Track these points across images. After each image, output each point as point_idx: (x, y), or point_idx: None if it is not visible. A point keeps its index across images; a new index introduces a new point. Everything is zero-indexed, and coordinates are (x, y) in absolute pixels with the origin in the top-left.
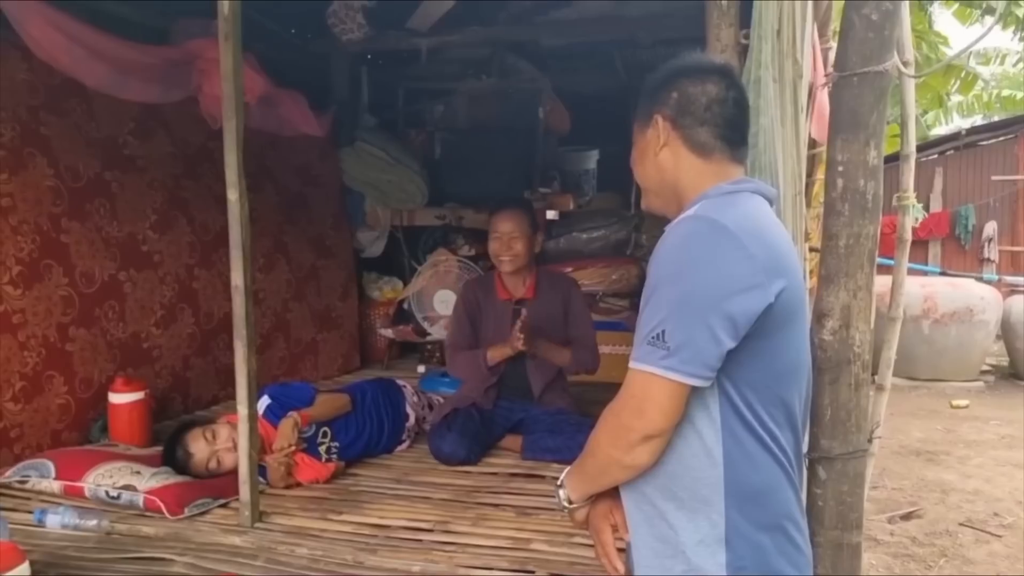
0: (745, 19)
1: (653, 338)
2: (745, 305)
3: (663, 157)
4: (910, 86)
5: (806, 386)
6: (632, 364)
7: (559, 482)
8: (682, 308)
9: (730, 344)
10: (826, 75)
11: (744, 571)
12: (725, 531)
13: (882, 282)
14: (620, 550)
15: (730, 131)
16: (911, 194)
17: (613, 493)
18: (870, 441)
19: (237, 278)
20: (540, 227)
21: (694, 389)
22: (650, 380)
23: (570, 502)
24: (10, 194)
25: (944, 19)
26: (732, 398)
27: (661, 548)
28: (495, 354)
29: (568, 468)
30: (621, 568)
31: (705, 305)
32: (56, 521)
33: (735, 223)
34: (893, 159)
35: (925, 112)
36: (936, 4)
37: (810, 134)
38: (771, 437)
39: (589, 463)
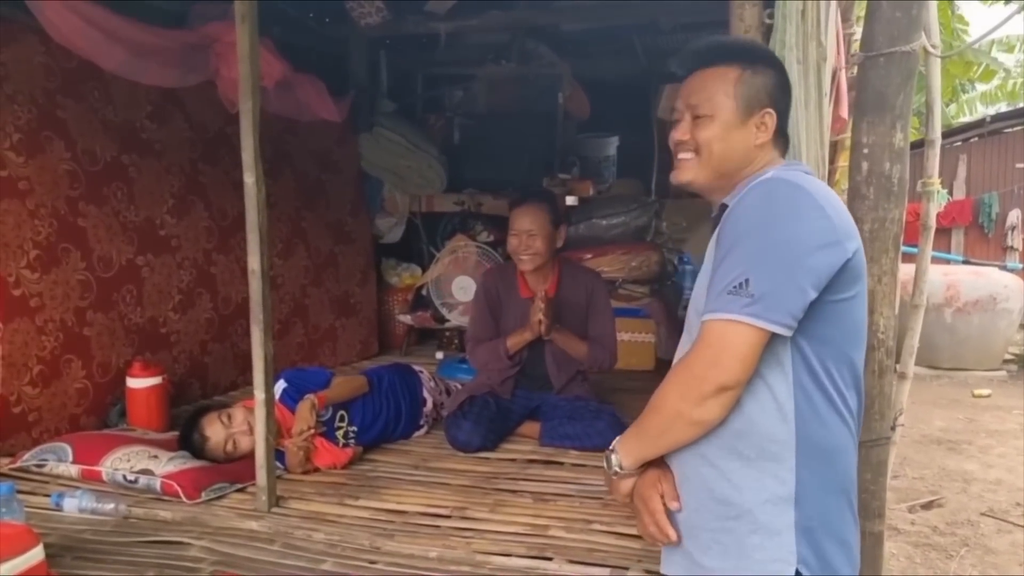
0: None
1: (735, 287)
2: (826, 259)
3: (757, 152)
4: (936, 70)
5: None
6: (708, 316)
7: (611, 447)
8: (766, 258)
9: (812, 295)
10: (851, 56)
11: (813, 532)
12: (795, 489)
13: (905, 270)
14: None
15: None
16: (936, 180)
17: (660, 463)
18: (893, 429)
19: (254, 262)
20: (562, 221)
21: (768, 343)
22: (729, 328)
23: (621, 468)
24: (27, 177)
25: (966, 5)
26: (806, 354)
27: (723, 510)
28: (515, 341)
29: (621, 437)
30: (674, 535)
31: (790, 256)
32: (73, 505)
33: (810, 186)
34: (916, 146)
35: (948, 103)
36: None
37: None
38: (840, 397)
39: (652, 421)
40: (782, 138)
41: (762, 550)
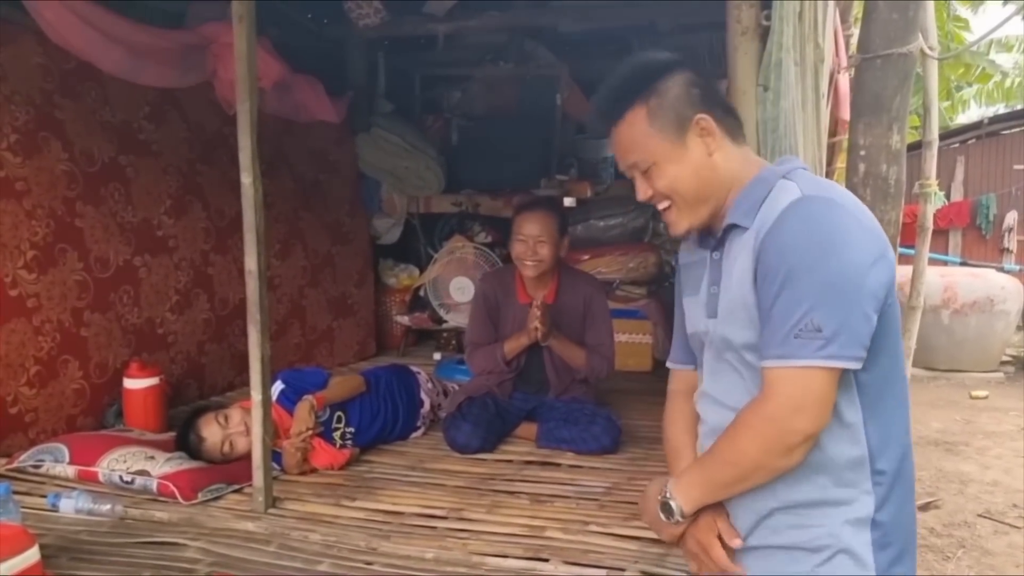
0: (766, 1)
1: (803, 329)
2: (880, 277)
3: (717, 159)
4: (933, 72)
5: None
6: (780, 362)
7: (667, 495)
8: (830, 292)
9: (875, 318)
10: (848, 58)
11: (889, 546)
12: (873, 509)
13: (902, 271)
14: None
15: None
16: (933, 181)
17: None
18: None
19: (251, 262)
20: (567, 231)
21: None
22: (809, 375)
23: (683, 516)
24: (24, 178)
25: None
26: (866, 368)
27: (800, 537)
28: (512, 346)
29: (677, 481)
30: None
31: (850, 284)
32: (70, 505)
33: (842, 198)
34: (914, 147)
35: (942, 101)
36: None
37: (831, 121)
38: (902, 397)
39: (725, 472)
40: (730, 120)
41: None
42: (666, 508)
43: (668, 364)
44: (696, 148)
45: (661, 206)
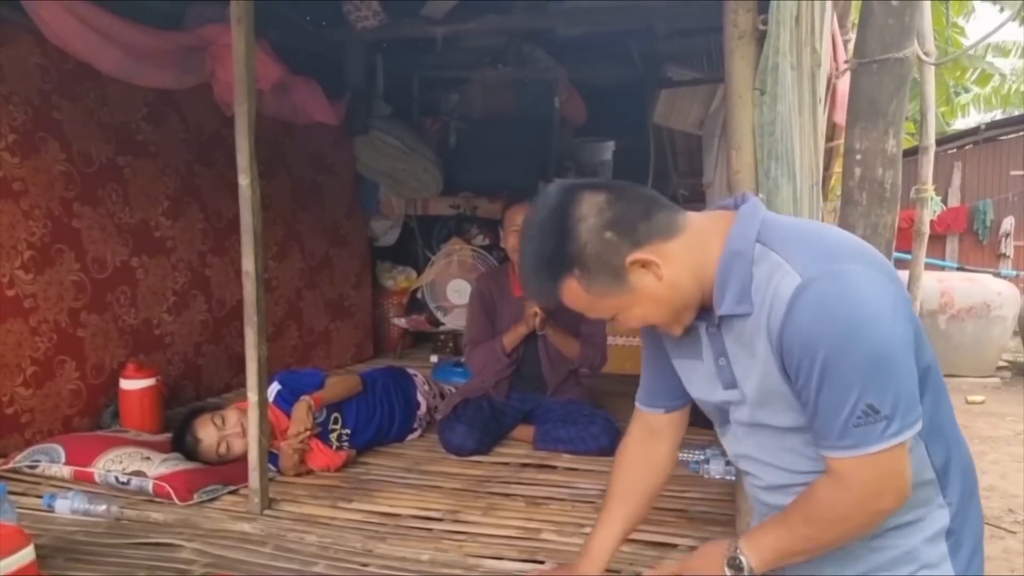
0: (763, 5)
1: (860, 417)
2: (904, 319)
3: (670, 274)
4: (930, 77)
5: None
6: (848, 453)
7: (736, 552)
8: (873, 371)
9: (914, 362)
10: (845, 62)
11: (962, 547)
12: (948, 521)
13: (899, 276)
14: None
15: (653, 202)
16: (930, 186)
17: None
18: None
19: (248, 264)
20: None
21: None
22: (882, 458)
23: (751, 573)
24: (22, 178)
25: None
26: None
27: (879, 560)
28: (510, 338)
29: (748, 541)
30: None
31: (889, 352)
32: (65, 506)
33: (836, 256)
34: (911, 153)
35: (941, 107)
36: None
37: (829, 125)
38: (946, 397)
39: (806, 546)
40: (658, 222)
41: None
42: (735, 564)
43: (640, 406)
44: (644, 281)
45: (645, 326)
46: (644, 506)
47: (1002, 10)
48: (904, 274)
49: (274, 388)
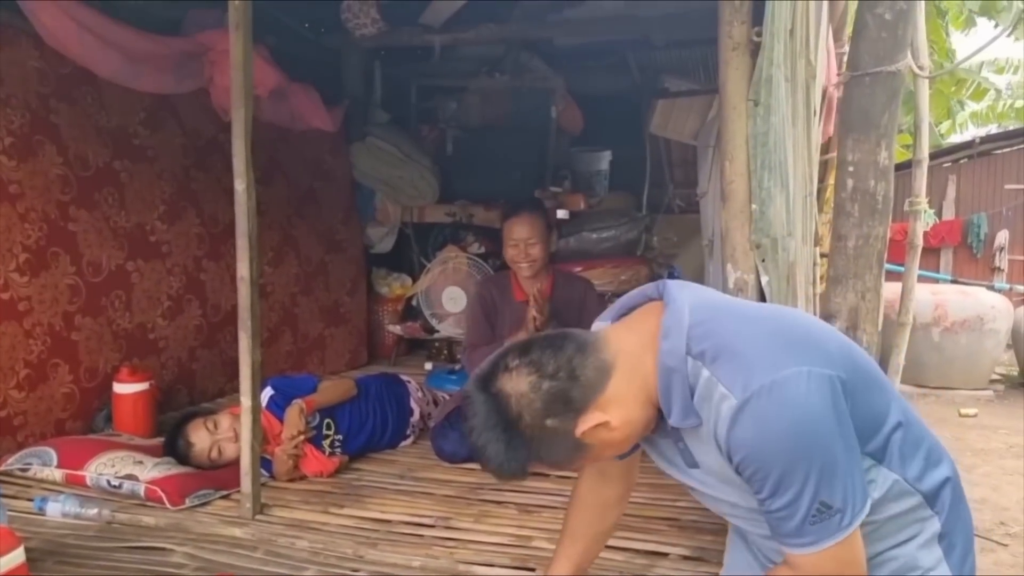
0: (758, 17)
1: (815, 516)
2: (839, 407)
3: (620, 422)
4: (924, 91)
5: None
6: (806, 550)
7: None
8: (823, 473)
9: (855, 439)
10: (839, 73)
11: (955, 547)
12: (940, 527)
13: (893, 288)
14: None
15: (573, 355)
16: (923, 199)
17: None
18: None
19: (243, 269)
20: (554, 225)
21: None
22: (841, 550)
23: None
24: (18, 181)
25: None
26: (874, 444)
27: (880, 572)
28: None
29: None
30: None
31: (835, 453)
32: (56, 509)
33: (763, 360)
34: (906, 166)
35: (939, 123)
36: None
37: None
38: (909, 414)
39: None
40: (594, 379)
41: None
42: None
43: None
44: (600, 436)
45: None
46: (595, 545)
47: (996, 25)
48: (897, 286)
49: (267, 393)
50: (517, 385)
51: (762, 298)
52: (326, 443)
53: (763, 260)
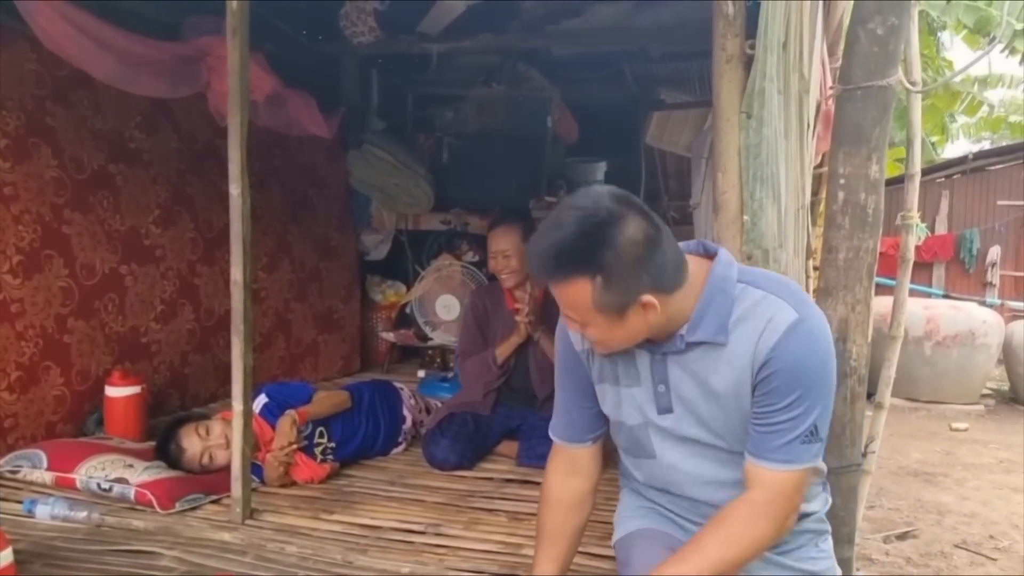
0: (751, 30)
1: (807, 437)
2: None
3: (654, 319)
4: (916, 106)
5: None
6: (784, 467)
7: None
8: (828, 403)
9: None
10: (830, 88)
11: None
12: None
13: (885, 302)
14: None
15: (679, 254)
16: (915, 213)
17: None
18: (864, 456)
19: (237, 273)
20: None
21: None
22: (803, 476)
23: None
24: (13, 183)
25: (955, 45)
26: None
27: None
28: (503, 349)
29: None
30: None
31: (834, 390)
32: (46, 512)
33: (806, 298)
34: (898, 180)
35: (931, 135)
36: (947, 31)
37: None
38: None
39: (725, 571)
40: (677, 275)
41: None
42: None
43: (555, 439)
44: (635, 320)
45: (597, 343)
46: (573, 544)
47: (992, 39)
48: (889, 300)
49: (261, 400)
50: (646, 225)
51: None
52: (318, 450)
53: None
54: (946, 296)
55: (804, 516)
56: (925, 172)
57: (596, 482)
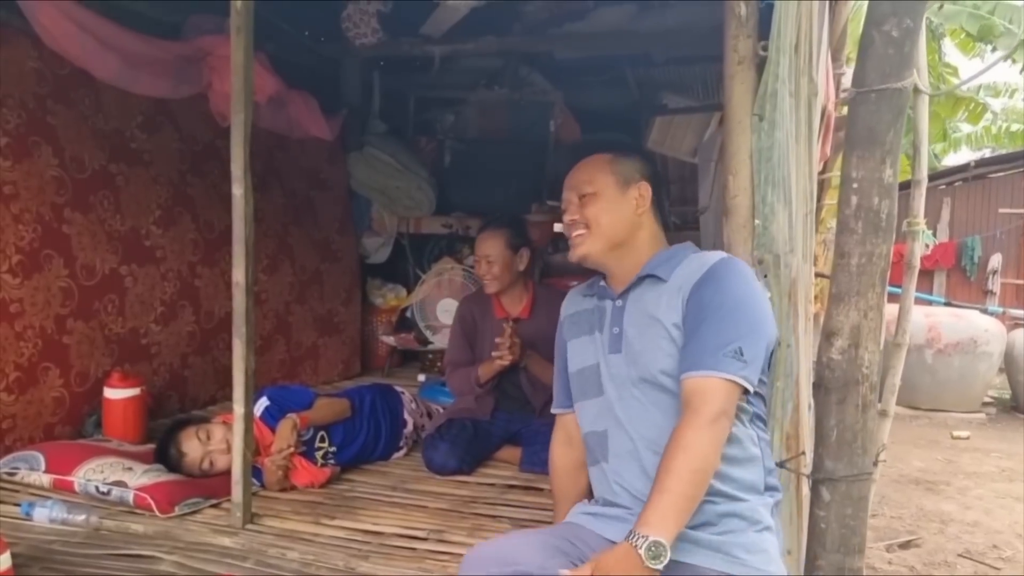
0: (763, 32)
1: (730, 352)
2: (774, 332)
3: (642, 220)
4: (923, 110)
5: None
6: (712, 373)
7: (649, 542)
8: (754, 332)
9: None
10: (844, 91)
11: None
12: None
13: (890, 309)
14: None
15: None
16: (921, 220)
17: None
18: (875, 464)
19: (239, 274)
20: (528, 243)
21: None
22: (731, 388)
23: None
24: (13, 182)
25: (951, 51)
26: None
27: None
28: (485, 371)
29: (649, 523)
30: None
31: (763, 331)
32: (43, 515)
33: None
34: (904, 186)
35: (933, 144)
36: (947, 38)
37: (823, 159)
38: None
39: (694, 492)
40: (659, 212)
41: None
42: (654, 550)
43: (555, 410)
44: (630, 203)
45: (577, 231)
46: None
47: (994, 49)
48: (894, 308)
49: (262, 403)
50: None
51: None
52: (319, 454)
53: (765, 276)
54: (947, 304)
55: (732, 480)
56: (927, 179)
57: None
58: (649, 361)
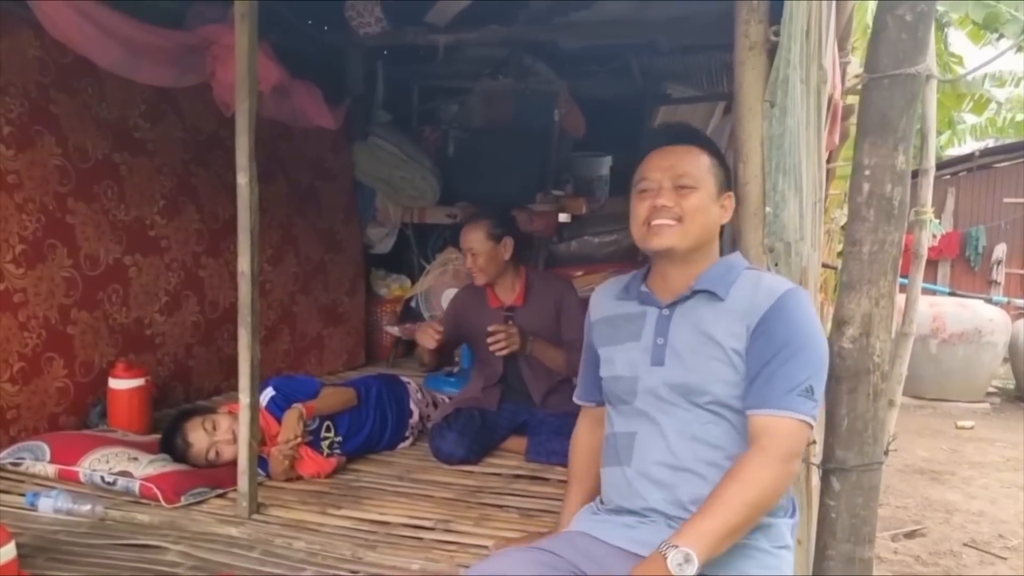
0: (775, 16)
1: (805, 391)
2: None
3: (717, 230)
4: (932, 98)
5: None
6: (784, 413)
7: (679, 551)
8: (821, 367)
9: None
10: (856, 76)
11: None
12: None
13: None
14: None
15: None
16: (929, 209)
17: None
18: (886, 454)
19: (244, 264)
20: (511, 231)
21: None
22: (804, 429)
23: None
24: (16, 171)
25: (958, 40)
26: None
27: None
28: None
29: (687, 536)
30: None
31: (827, 365)
32: (49, 505)
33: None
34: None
35: (939, 133)
36: (953, 27)
37: (830, 147)
38: None
39: (745, 516)
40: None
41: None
42: (684, 560)
43: (578, 401)
44: (717, 210)
45: (666, 220)
46: (596, 485)
47: (1000, 37)
48: (901, 297)
49: (268, 393)
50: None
51: None
52: (324, 444)
53: (776, 264)
54: (952, 294)
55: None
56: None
57: None
58: (700, 380)
